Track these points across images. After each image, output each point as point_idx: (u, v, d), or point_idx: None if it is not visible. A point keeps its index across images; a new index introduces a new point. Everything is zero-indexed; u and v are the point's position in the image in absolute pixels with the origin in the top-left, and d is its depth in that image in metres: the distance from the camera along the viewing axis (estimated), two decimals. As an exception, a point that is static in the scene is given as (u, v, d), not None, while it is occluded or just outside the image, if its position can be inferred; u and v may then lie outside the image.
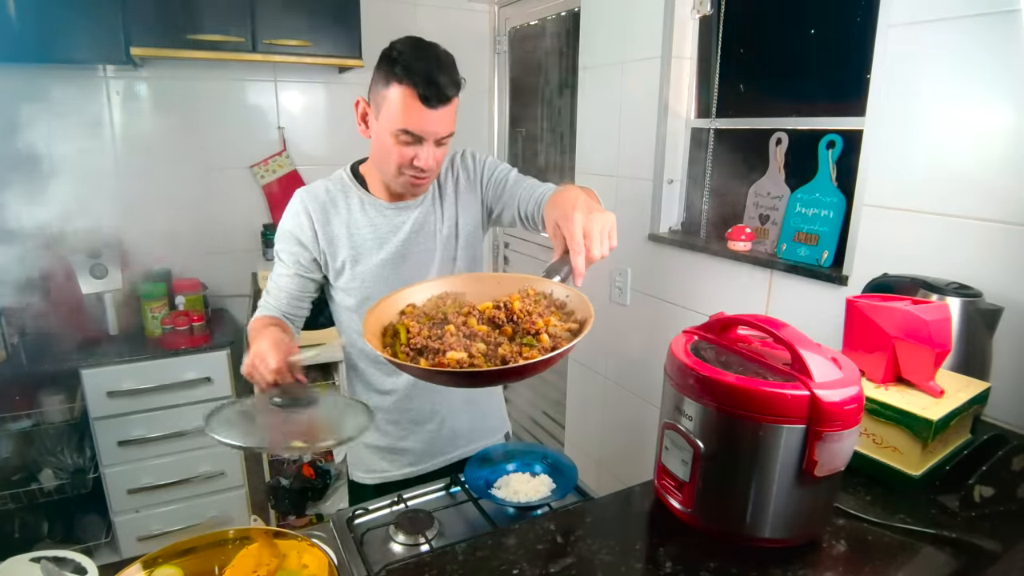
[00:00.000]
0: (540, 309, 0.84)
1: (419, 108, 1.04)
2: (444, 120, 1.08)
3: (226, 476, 2.28)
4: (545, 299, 0.88)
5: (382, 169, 1.16)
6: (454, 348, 0.77)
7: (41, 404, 2.05)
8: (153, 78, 2.34)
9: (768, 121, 1.65)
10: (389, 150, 1.10)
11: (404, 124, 1.06)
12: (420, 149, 1.09)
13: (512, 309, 0.83)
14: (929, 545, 0.75)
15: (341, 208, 1.21)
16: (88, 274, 2.07)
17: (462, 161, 1.30)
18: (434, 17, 2.77)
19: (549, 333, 0.79)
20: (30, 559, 0.78)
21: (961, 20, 1.13)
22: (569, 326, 0.82)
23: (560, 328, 0.81)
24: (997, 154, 1.11)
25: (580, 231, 0.84)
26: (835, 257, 1.45)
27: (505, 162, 1.33)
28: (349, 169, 1.26)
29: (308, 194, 1.21)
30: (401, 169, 1.11)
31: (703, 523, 0.74)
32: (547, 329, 0.80)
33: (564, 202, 0.90)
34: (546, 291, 0.88)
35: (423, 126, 1.06)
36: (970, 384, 0.93)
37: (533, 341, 0.78)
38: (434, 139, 1.09)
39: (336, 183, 1.24)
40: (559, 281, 0.87)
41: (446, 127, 1.09)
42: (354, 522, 1.03)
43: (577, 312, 0.85)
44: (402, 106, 1.05)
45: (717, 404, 0.71)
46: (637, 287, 2.05)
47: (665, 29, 1.83)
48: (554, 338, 0.79)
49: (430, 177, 1.15)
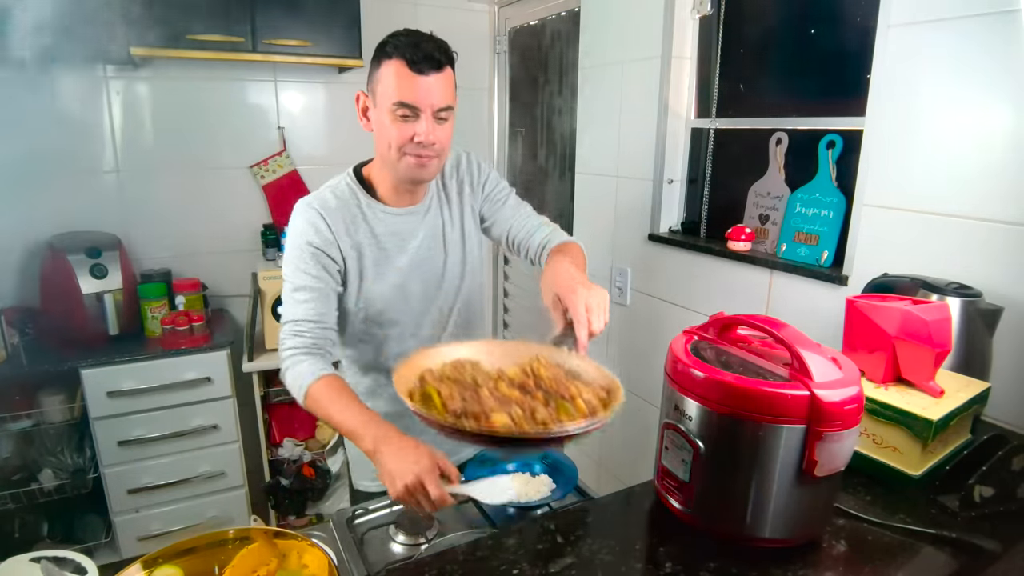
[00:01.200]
0: (561, 376, 0.85)
1: (410, 76, 1.04)
2: (438, 88, 1.06)
3: (226, 476, 2.28)
4: (559, 368, 0.88)
5: (385, 157, 1.12)
6: (495, 411, 0.77)
7: (41, 404, 2.05)
8: (153, 78, 2.33)
9: (768, 121, 1.65)
10: (388, 131, 1.08)
11: (398, 96, 1.05)
12: (418, 124, 1.06)
13: (540, 376, 0.84)
14: (929, 545, 0.75)
15: (350, 216, 1.17)
16: (88, 274, 2.07)
17: (467, 165, 1.28)
18: (434, 17, 2.77)
19: (583, 399, 0.79)
20: (30, 559, 0.78)
21: (961, 20, 1.13)
22: (597, 392, 0.82)
23: (591, 395, 0.81)
24: (997, 154, 1.11)
25: (583, 306, 0.91)
26: (835, 257, 1.45)
27: (505, 179, 1.34)
28: (352, 173, 1.22)
29: (318, 201, 1.16)
30: (402, 149, 1.08)
31: (703, 523, 0.74)
32: (581, 395, 0.80)
33: (566, 278, 0.97)
34: (561, 361, 0.89)
35: (416, 95, 1.05)
36: (970, 384, 0.93)
37: (568, 406, 0.78)
38: (430, 109, 1.06)
39: (341, 190, 1.19)
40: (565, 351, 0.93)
41: (441, 96, 1.07)
42: (354, 522, 1.03)
43: (595, 381, 0.86)
44: (394, 78, 1.05)
45: (717, 404, 0.71)
46: (637, 287, 2.05)
47: (665, 29, 1.83)
48: (588, 404, 0.79)
49: (435, 158, 1.11)
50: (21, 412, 2.02)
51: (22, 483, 2.03)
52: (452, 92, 1.10)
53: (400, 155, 1.09)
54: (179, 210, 2.45)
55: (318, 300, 1.12)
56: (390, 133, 1.08)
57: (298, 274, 1.13)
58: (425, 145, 1.08)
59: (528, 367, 0.86)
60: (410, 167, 1.11)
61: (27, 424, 2.04)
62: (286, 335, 1.12)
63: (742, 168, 1.75)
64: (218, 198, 2.51)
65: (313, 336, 1.11)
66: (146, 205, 2.39)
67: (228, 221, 2.55)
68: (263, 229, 2.55)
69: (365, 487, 1.35)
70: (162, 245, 2.44)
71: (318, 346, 1.11)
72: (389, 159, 1.11)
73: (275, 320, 2.22)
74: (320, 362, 1.10)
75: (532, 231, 1.25)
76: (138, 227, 2.39)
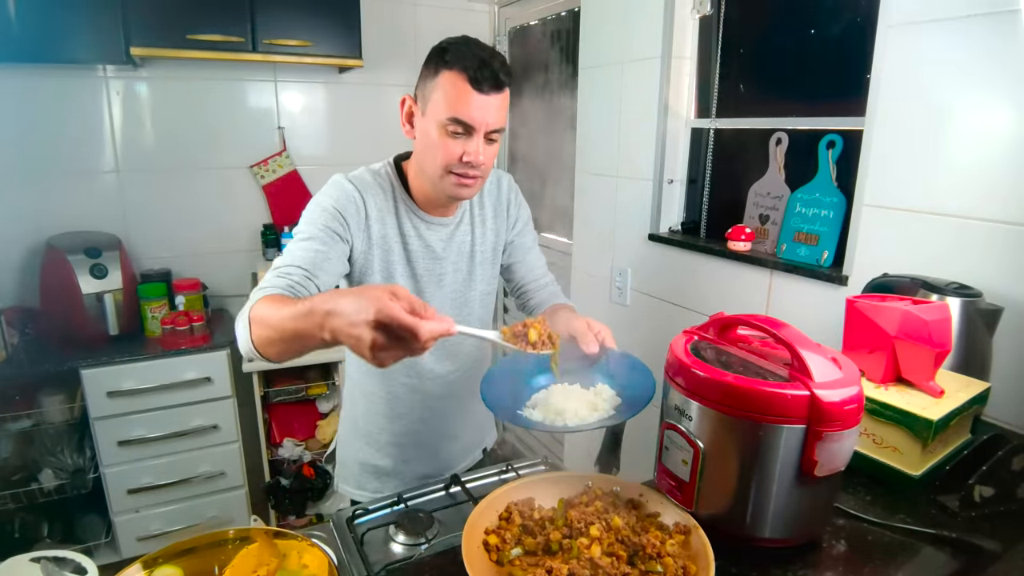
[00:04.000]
0: (628, 517, 0.79)
1: (470, 93, 0.98)
2: (495, 109, 1.00)
3: (226, 476, 2.28)
4: (609, 496, 0.84)
5: (426, 170, 1.06)
6: None
7: (41, 404, 2.05)
8: (153, 78, 2.33)
9: (768, 121, 1.65)
10: (436, 147, 1.02)
11: (454, 111, 0.98)
12: (469, 143, 1.01)
13: (623, 534, 0.75)
14: (929, 545, 0.75)
15: (386, 206, 1.11)
16: (88, 274, 2.07)
17: (508, 191, 1.26)
18: (434, 17, 2.77)
19: (669, 553, 0.72)
20: (30, 559, 0.78)
21: (961, 20, 1.13)
22: (672, 536, 0.75)
23: (671, 545, 0.73)
24: (997, 154, 1.11)
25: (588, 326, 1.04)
26: (835, 257, 1.45)
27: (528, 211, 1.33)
28: (392, 164, 1.15)
29: (358, 179, 1.09)
30: (448, 168, 1.02)
31: (703, 523, 0.73)
32: (665, 549, 0.72)
33: (576, 319, 1.07)
34: (614, 490, 0.85)
35: (473, 113, 0.98)
36: (970, 384, 0.93)
37: (656, 566, 0.70)
38: (485, 130, 1.01)
39: (382, 177, 1.12)
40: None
41: (497, 119, 1.01)
42: (354, 522, 1.02)
43: (646, 506, 0.82)
44: (453, 91, 0.98)
45: (717, 404, 0.71)
46: (637, 287, 2.05)
47: (665, 29, 1.83)
48: (674, 557, 0.71)
49: (477, 179, 1.05)
50: (21, 412, 2.02)
51: (22, 483, 2.03)
52: (506, 113, 1.05)
53: (444, 173, 1.03)
54: (179, 210, 2.45)
55: (319, 253, 0.99)
56: (437, 148, 1.02)
57: (309, 227, 1.02)
58: (473, 166, 1.02)
59: (622, 534, 0.75)
60: (452, 187, 1.05)
61: (27, 424, 2.05)
62: (266, 277, 0.95)
63: (742, 168, 1.75)
64: (218, 198, 2.51)
65: (295, 281, 0.94)
66: (146, 205, 2.39)
67: (228, 221, 2.55)
68: (263, 229, 2.55)
69: (349, 493, 1.32)
70: (162, 245, 2.44)
71: (294, 291, 0.92)
72: (431, 174, 1.06)
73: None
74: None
75: (542, 287, 1.30)
76: (138, 227, 2.39)
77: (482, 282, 1.25)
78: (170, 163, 2.41)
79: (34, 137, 2.18)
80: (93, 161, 2.30)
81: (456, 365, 1.26)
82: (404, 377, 1.22)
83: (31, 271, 2.19)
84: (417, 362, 1.20)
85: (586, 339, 1.01)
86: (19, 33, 1.89)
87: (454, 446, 1.33)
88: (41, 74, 2.15)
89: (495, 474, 1.15)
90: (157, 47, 2.05)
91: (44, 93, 2.17)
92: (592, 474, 0.88)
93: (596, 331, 1.03)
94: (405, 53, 2.72)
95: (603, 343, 1.03)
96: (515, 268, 1.31)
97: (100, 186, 2.32)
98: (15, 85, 2.12)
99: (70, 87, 2.21)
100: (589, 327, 1.03)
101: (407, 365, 1.20)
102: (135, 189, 2.37)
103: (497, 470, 1.16)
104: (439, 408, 1.27)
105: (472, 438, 1.38)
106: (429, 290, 1.17)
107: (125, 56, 2.02)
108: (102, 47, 2.01)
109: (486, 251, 1.24)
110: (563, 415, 0.92)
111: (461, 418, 1.32)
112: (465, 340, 1.24)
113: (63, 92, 2.20)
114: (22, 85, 2.13)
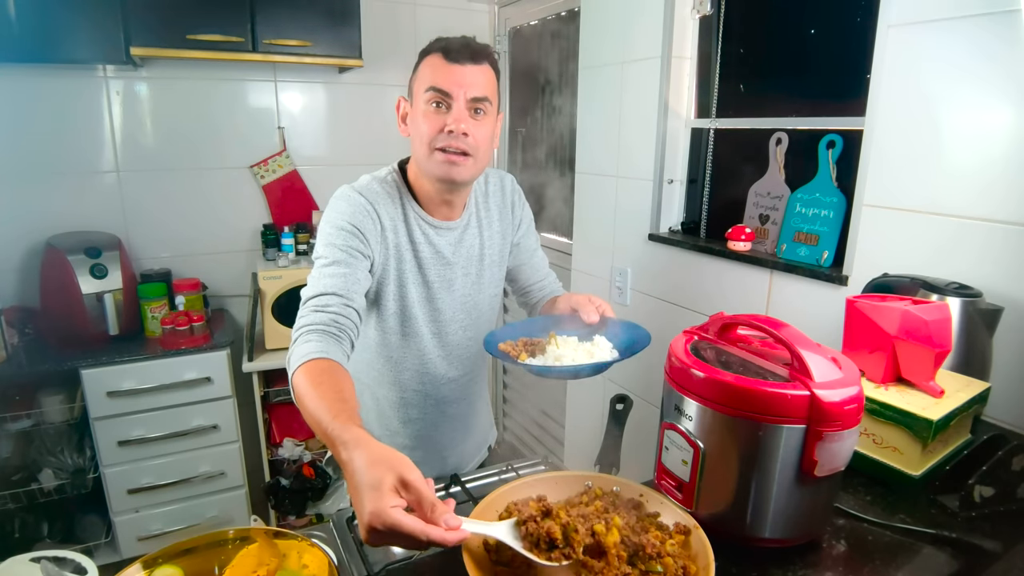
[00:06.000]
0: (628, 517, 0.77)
1: (445, 64, 1.02)
2: (473, 77, 1.02)
3: (226, 476, 2.28)
4: (609, 496, 0.82)
5: (417, 155, 1.07)
6: None
7: (41, 404, 2.05)
8: (153, 78, 2.34)
9: (768, 121, 1.65)
10: (420, 126, 1.04)
11: (431, 82, 1.02)
12: (449, 115, 1.02)
13: (623, 534, 0.73)
14: (929, 545, 0.75)
15: (396, 213, 1.11)
16: (88, 274, 2.07)
17: (512, 192, 1.27)
18: (434, 17, 2.77)
19: (669, 553, 0.70)
20: (30, 559, 0.78)
21: (961, 20, 1.13)
22: (672, 536, 0.74)
23: (671, 545, 0.72)
24: (997, 154, 1.11)
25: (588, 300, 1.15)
26: (835, 257, 1.45)
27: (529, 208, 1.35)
28: (398, 169, 1.16)
29: (366, 190, 1.08)
30: (432, 143, 1.02)
31: (703, 523, 0.73)
32: (665, 549, 0.71)
33: (576, 295, 1.18)
34: (614, 489, 0.83)
35: (450, 80, 1.01)
36: (970, 384, 0.93)
37: (656, 566, 0.69)
38: (464, 97, 1.01)
39: (388, 184, 1.12)
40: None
41: (476, 86, 1.02)
42: (354, 522, 1.02)
43: (646, 505, 0.80)
44: (429, 69, 1.04)
45: (717, 404, 0.71)
46: (637, 287, 2.05)
47: (665, 29, 1.83)
48: (674, 557, 0.70)
49: (468, 157, 1.04)
50: (21, 412, 2.02)
51: (22, 483, 2.03)
52: (491, 87, 1.06)
53: (430, 151, 1.03)
54: (179, 210, 2.45)
55: (348, 277, 0.99)
56: (422, 126, 1.03)
57: (331, 249, 1.02)
58: (456, 136, 1.01)
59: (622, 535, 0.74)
60: (439, 165, 1.03)
61: (27, 424, 2.05)
62: (303, 313, 0.95)
63: (742, 168, 1.75)
64: (218, 198, 2.51)
65: (335, 312, 0.94)
66: (146, 205, 2.39)
67: (228, 221, 2.55)
68: (263, 229, 2.55)
69: None
70: (162, 245, 2.44)
71: (338, 324, 0.93)
72: (421, 158, 1.06)
73: (275, 320, 2.23)
74: (331, 344, 0.89)
75: (544, 286, 1.34)
76: (138, 227, 2.39)
77: (491, 285, 1.25)
78: (170, 163, 2.41)
79: (34, 137, 2.19)
80: (93, 161, 2.30)
81: (466, 369, 1.27)
82: (417, 384, 1.23)
83: (31, 271, 2.19)
84: (429, 369, 1.22)
85: (587, 310, 1.11)
86: (19, 33, 1.89)
87: (463, 447, 1.34)
88: (41, 74, 2.15)
89: (495, 474, 1.15)
90: (157, 47, 2.05)
91: (44, 93, 2.17)
92: (592, 474, 0.87)
93: (597, 304, 1.13)
94: (405, 53, 2.72)
95: (603, 314, 1.13)
96: (521, 270, 1.32)
97: (100, 186, 2.32)
98: (15, 85, 2.12)
99: (70, 87, 2.21)
100: (590, 300, 1.13)
101: (420, 372, 1.21)
102: (135, 189, 2.37)
103: (497, 470, 1.16)
104: (451, 412, 1.28)
105: (479, 438, 1.40)
106: (440, 296, 1.17)
107: (125, 56, 2.02)
108: (102, 47, 2.01)
109: (494, 254, 1.24)
110: (561, 360, 1.03)
111: (472, 419, 1.33)
112: (473, 344, 1.25)
113: (63, 92, 2.20)
114: (22, 85, 2.13)
